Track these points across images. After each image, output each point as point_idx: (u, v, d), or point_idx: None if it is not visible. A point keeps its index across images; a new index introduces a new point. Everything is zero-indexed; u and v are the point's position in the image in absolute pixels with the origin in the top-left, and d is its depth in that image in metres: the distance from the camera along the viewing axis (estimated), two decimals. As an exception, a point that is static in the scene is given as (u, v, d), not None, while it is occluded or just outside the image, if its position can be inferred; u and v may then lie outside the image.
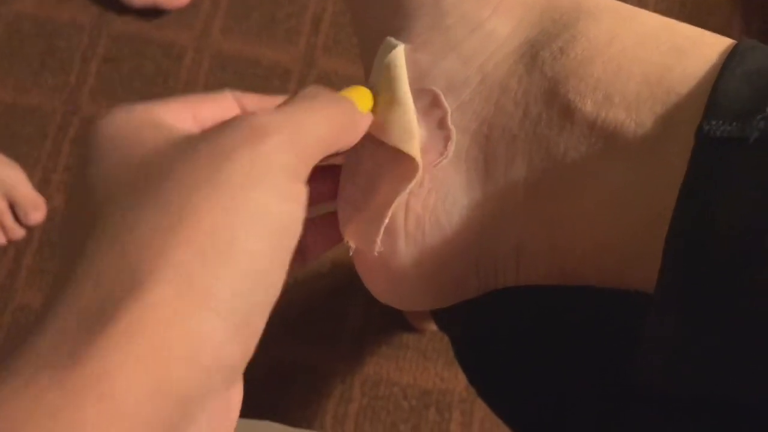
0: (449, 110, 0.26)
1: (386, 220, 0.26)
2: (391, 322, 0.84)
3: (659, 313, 0.22)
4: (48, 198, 0.89)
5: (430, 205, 0.26)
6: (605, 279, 0.25)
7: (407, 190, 0.26)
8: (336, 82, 0.94)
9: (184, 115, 0.24)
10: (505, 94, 0.25)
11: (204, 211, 0.19)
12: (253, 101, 0.25)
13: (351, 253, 0.28)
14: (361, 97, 0.26)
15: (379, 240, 0.26)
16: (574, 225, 0.25)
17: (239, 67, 0.95)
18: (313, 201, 0.30)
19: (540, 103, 0.25)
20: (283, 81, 0.94)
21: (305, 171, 0.22)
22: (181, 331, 0.18)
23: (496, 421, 0.88)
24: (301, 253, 0.28)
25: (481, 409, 0.82)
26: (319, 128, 0.22)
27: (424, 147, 0.26)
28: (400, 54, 0.26)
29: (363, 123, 0.25)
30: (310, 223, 0.28)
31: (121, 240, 0.19)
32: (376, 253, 0.27)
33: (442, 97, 0.26)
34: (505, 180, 0.25)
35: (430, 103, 0.26)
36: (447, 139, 0.26)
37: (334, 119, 0.23)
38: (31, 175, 0.89)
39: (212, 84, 0.94)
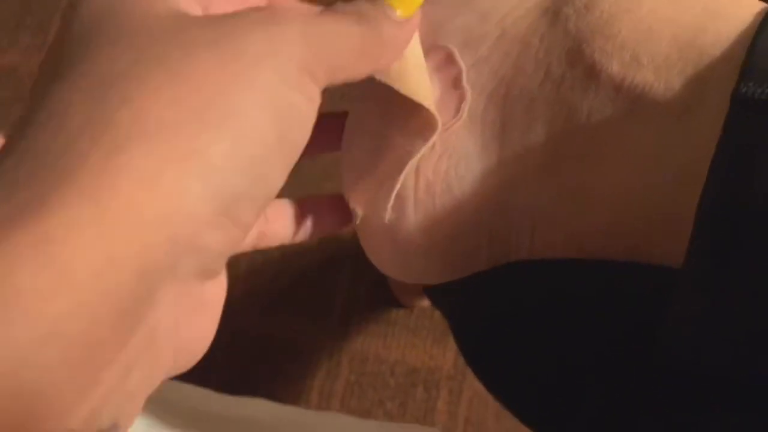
0: (464, 68, 0.24)
1: (398, 186, 0.24)
2: (379, 298, 0.83)
3: (688, 286, 0.21)
4: (25, 163, 0.86)
5: (441, 171, 0.24)
6: (627, 251, 0.23)
7: (422, 152, 0.24)
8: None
9: (194, 4, 0.20)
10: (525, 52, 0.24)
11: (204, 75, 0.17)
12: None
13: (357, 221, 0.25)
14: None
15: (389, 207, 0.24)
16: (596, 193, 0.23)
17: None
18: (313, 150, 0.27)
19: (563, 63, 0.23)
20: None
21: (321, 75, 0.19)
22: (157, 195, 0.15)
23: (483, 400, 0.88)
24: (256, 236, 0.25)
25: (469, 389, 0.81)
26: (339, 43, 0.19)
27: (436, 107, 0.24)
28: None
29: (400, 37, 0.22)
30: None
31: (98, 89, 0.16)
32: (386, 221, 0.24)
33: (457, 55, 0.24)
34: (522, 144, 0.24)
35: (443, 61, 0.24)
36: (461, 99, 0.24)
37: (358, 40, 0.20)
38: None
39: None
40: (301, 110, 0.19)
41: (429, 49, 0.25)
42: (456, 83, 0.24)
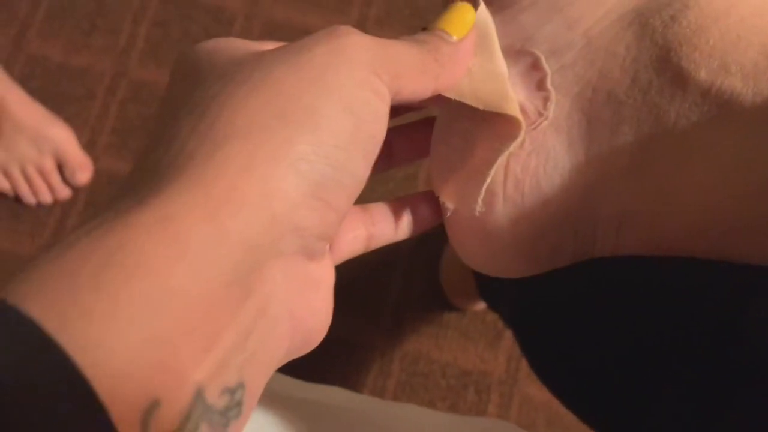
0: (549, 73, 0.25)
1: (488, 180, 0.25)
2: (431, 300, 0.84)
3: None
4: (95, 159, 0.89)
5: (530, 168, 0.25)
6: (710, 250, 0.24)
7: (509, 150, 0.25)
8: (386, 55, 0.93)
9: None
10: (611, 60, 0.25)
11: (285, 82, 0.19)
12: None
13: (447, 215, 0.27)
14: (458, 19, 0.24)
15: (480, 200, 0.25)
16: (682, 193, 0.24)
17: (289, 34, 0.94)
18: (401, 160, 0.29)
19: (650, 71, 0.24)
20: (332, 51, 0.93)
21: (386, 77, 0.21)
22: (255, 179, 0.18)
23: (534, 405, 0.87)
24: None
25: (520, 393, 0.82)
26: (402, 56, 0.21)
27: (522, 108, 0.25)
28: (486, 12, 0.25)
29: (456, 56, 0.24)
30: (397, 130, 0.27)
31: (202, 105, 0.19)
32: (477, 214, 0.26)
33: (543, 60, 0.25)
34: (609, 145, 0.25)
35: (530, 65, 0.25)
36: (546, 99, 0.25)
37: (418, 60, 0.22)
38: (78, 136, 0.89)
39: (261, 51, 0.93)
40: (372, 105, 0.20)
41: (518, 54, 0.26)
42: (541, 85, 0.25)
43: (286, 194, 0.18)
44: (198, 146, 0.18)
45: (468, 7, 0.24)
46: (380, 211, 0.27)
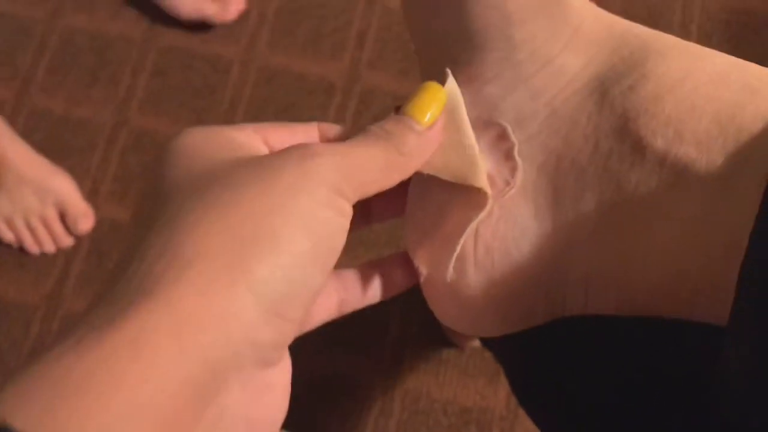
0: (516, 143, 0.26)
1: (458, 249, 0.26)
2: (430, 337, 0.84)
3: (734, 344, 0.22)
4: (97, 208, 0.91)
5: (499, 234, 0.26)
6: (677, 310, 0.25)
7: (479, 218, 0.26)
8: (379, 97, 0.95)
9: (255, 137, 0.25)
10: (574, 129, 0.26)
11: (249, 207, 0.21)
12: (335, 132, 0.26)
13: (422, 279, 0.28)
14: (428, 101, 0.25)
15: (451, 267, 0.27)
16: (644, 257, 0.25)
17: (285, 81, 0.96)
18: (379, 218, 0.30)
19: (611, 139, 0.25)
20: (328, 95, 0.95)
21: (351, 194, 0.23)
22: (215, 302, 0.20)
23: (536, 440, 0.87)
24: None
25: (521, 428, 0.82)
26: (367, 165, 0.24)
27: (490, 177, 0.26)
28: (454, 85, 0.26)
29: (424, 145, 0.25)
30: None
31: (170, 227, 0.21)
32: (448, 280, 0.27)
33: (510, 130, 0.26)
34: (574, 211, 0.26)
35: (497, 136, 0.27)
36: (513, 169, 0.26)
37: (383, 161, 0.24)
38: (80, 186, 0.91)
39: (258, 97, 0.95)
40: (332, 223, 0.22)
41: (486, 124, 0.27)
42: (508, 155, 0.26)
43: (243, 315, 0.20)
44: (165, 269, 0.20)
45: (437, 88, 0.26)
46: (351, 277, 0.28)
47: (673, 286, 0.25)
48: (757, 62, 0.26)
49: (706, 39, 0.92)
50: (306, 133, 0.26)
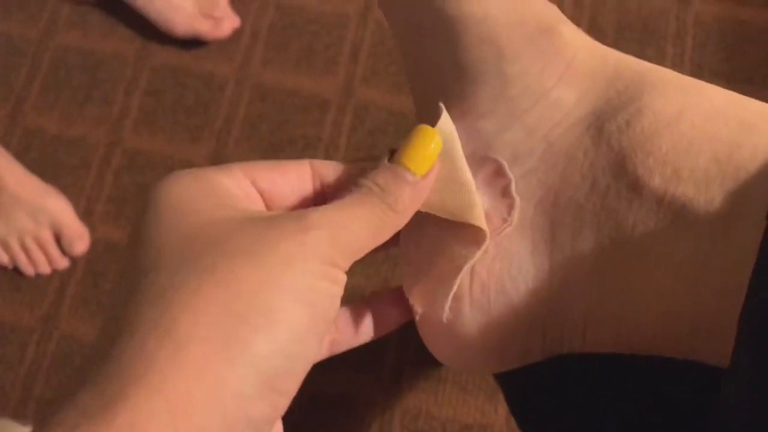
0: (513, 179, 0.26)
1: (455, 288, 0.26)
2: (429, 354, 0.84)
3: (733, 387, 0.22)
4: (91, 228, 0.90)
5: (495, 272, 0.26)
6: (674, 350, 0.25)
7: (475, 257, 0.26)
8: (374, 112, 0.94)
9: (244, 181, 0.24)
10: (571, 165, 0.25)
11: (244, 280, 0.21)
12: (329, 169, 0.26)
13: (417, 318, 0.27)
14: (423, 149, 0.25)
15: (447, 307, 0.26)
16: (643, 297, 0.24)
17: (279, 97, 0.96)
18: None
19: (608, 176, 0.25)
20: (322, 111, 0.95)
21: (344, 263, 0.23)
22: (211, 383, 0.19)
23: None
24: (330, 343, 0.28)
25: (521, 444, 0.81)
26: (360, 232, 0.23)
27: (487, 214, 0.26)
28: (449, 121, 0.26)
29: (417, 196, 0.25)
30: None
31: (161, 300, 0.20)
32: (444, 320, 0.26)
33: (506, 167, 0.26)
34: (572, 249, 0.25)
35: (493, 173, 0.26)
36: (510, 206, 0.26)
37: (376, 225, 0.24)
38: (75, 206, 0.90)
39: (252, 115, 0.95)
40: (327, 293, 0.22)
41: (481, 160, 0.27)
42: (505, 192, 0.26)
43: (238, 392, 0.20)
44: (158, 348, 0.19)
45: (432, 133, 0.25)
46: (344, 317, 0.28)
47: (670, 326, 0.24)
48: (750, 71, 0.25)
49: (700, 49, 0.92)
50: (298, 172, 0.26)
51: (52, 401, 0.80)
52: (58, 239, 0.89)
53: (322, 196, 0.26)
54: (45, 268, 0.88)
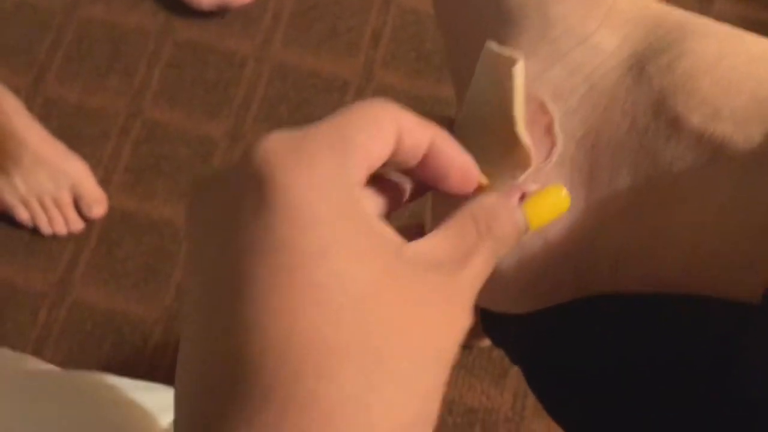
0: (556, 117, 0.26)
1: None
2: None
3: (763, 323, 0.22)
4: (108, 197, 0.91)
5: None
6: (705, 287, 0.25)
7: (523, 177, 0.26)
8: (393, 96, 0.95)
9: (364, 168, 0.21)
10: (612, 104, 0.26)
11: (386, 360, 0.19)
12: (409, 127, 0.23)
13: None
14: (550, 215, 0.25)
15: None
16: (677, 234, 0.25)
17: (299, 77, 0.97)
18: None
19: (648, 115, 0.25)
20: (341, 93, 0.95)
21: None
22: None
23: (541, 442, 0.86)
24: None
25: (526, 430, 0.82)
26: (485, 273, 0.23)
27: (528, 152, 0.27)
28: (521, 69, 0.26)
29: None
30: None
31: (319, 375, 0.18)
32: None
33: (549, 105, 0.26)
34: (609, 188, 0.26)
35: (536, 111, 0.27)
36: (552, 145, 0.26)
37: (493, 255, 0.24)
38: (93, 174, 0.91)
39: (272, 93, 0.96)
40: (455, 350, 0.22)
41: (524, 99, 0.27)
42: (548, 130, 0.26)
43: None
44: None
45: (566, 202, 0.25)
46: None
47: (703, 264, 0.24)
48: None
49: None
50: (388, 136, 0.22)
51: (61, 365, 0.81)
52: (76, 203, 0.89)
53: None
54: (61, 228, 0.89)
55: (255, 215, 0.18)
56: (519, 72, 0.26)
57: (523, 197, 0.25)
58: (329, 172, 0.19)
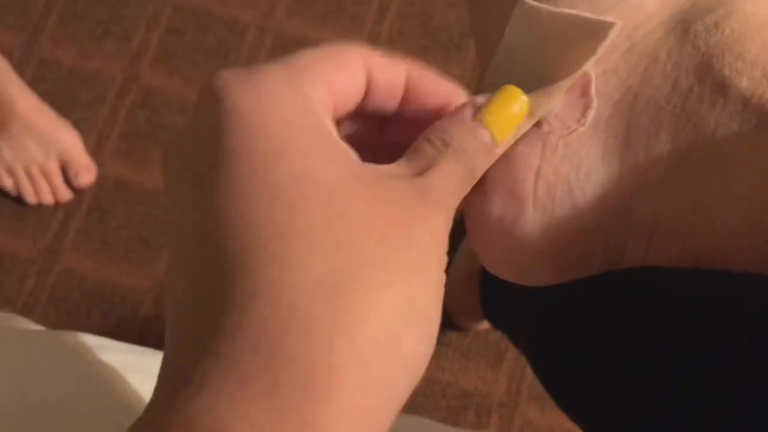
0: (594, 78, 0.25)
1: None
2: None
3: None
4: (101, 164, 0.89)
5: (562, 174, 0.25)
6: (744, 263, 0.23)
7: (592, 60, 0.24)
8: (397, 72, 0.93)
9: (327, 95, 0.21)
10: (653, 65, 0.24)
11: (400, 273, 0.19)
12: (380, 65, 0.23)
13: (469, 211, 0.26)
14: (511, 118, 0.24)
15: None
16: (720, 204, 0.23)
17: (301, 48, 0.94)
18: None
19: (691, 77, 0.24)
20: (344, 66, 0.93)
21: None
22: (387, 403, 0.19)
23: (534, 428, 0.86)
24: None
25: (520, 416, 0.81)
26: (466, 191, 0.23)
27: (560, 113, 0.25)
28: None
29: (492, 158, 0.24)
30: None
31: (329, 291, 0.18)
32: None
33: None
34: (646, 153, 0.24)
35: None
36: (587, 107, 0.25)
37: (471, 183, 0.23)
38: (86, 141, 0.89)
39: (273, 64, 0.93)
40: (443, 279, 0.21)
41: None
42: (584, 91, 0.25)
43: (398, 404, 0.19)
44: (346, 362, 0.18)
45: (518, 96, 0.24)
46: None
47: (746, 237, 0.23)
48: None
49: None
50: (354, 72, 0.22)
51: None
52: (64, 172, 0.87)
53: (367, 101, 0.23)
54: (48, 198, 0.87)
55: (213, 133, 0.19)
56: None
57: (477, 111, 0.23)
58: (282, 87, 0.20)
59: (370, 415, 0.18)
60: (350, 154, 0.21)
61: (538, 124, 0.25)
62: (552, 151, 0.25)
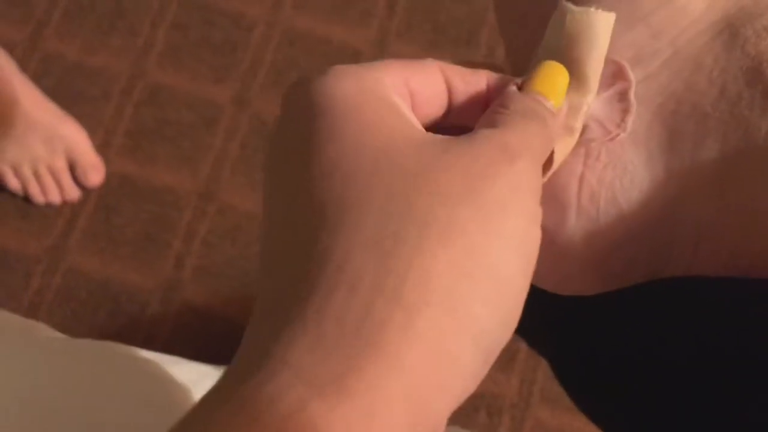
0: (633, 82, 0.24)
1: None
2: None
3: None
4: (107, 161, 0.88)
5: (606, 181, 0.24)
6: None
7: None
8: (407, 68, 0.92)
9: (402, 86, 0.22)
10: (698, 71, 0.24)
11: (472, 233, 0.18)
12: (456, 75, 0.23)
13: None
14: (556, 80, 0.23)
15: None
16: None
17: (309, 44, 0.93)
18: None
19: (740, 83, 0.23)
20: (353, 62, 0.92)
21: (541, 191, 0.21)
22: (443, 359, 0.18)
23: (546, 430, 0.85)
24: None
25: (531, 418, 0.80)
26: (545, 152, 0.22)
27: (600, 118, 0.24)
28: (606, 25, 0.24)
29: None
30: None
31: (380, 251, 0.18)
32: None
33: (628, 69, 0.24)
34: (692, 159, 0.23)
35: (612, 74, 0.25)
36: (625, 112, 0.24)
37: (550, 143, 0.22)
38: (91, 137, 0.88)
39: (280, 59, 0.92)
40: (537, 240, 0.20)
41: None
42: (622, 96, 0.24)
43: (465, 371, 0.18)
44: (389, 315, 0.17)
45: (561, 68, 0.23)
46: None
47: None
48: None
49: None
50: (434, 75, 0.22)
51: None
52: (72, 169, 0.86)
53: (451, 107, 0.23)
54: (55, 197, 0.85)
55: (309, 117, 0.21)
56: (603, 28, 0.24)
57: (524, 85, 0.23)
58: (363, 75, 0.21)
59: (433, 385, 0.18)
60: (420, 128, 0.21)
61: (582, 131, 0.24)
62: (595, 158, 0.24)
